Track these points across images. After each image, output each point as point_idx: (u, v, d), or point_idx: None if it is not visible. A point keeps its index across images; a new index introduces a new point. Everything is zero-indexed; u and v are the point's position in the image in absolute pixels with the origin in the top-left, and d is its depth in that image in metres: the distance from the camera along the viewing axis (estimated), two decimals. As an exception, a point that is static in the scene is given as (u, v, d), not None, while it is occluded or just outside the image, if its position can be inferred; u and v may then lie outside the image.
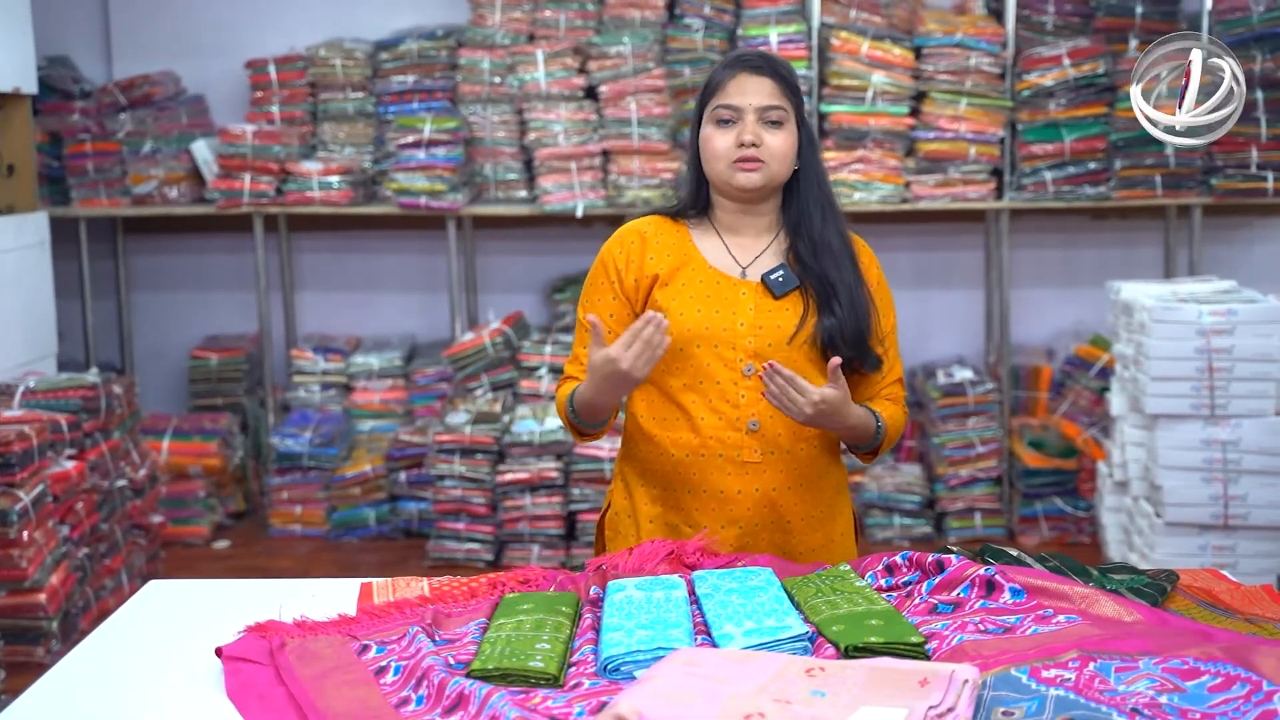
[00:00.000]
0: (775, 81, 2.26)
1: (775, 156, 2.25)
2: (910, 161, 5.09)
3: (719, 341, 2.25)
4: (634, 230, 2.37)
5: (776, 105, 2.25)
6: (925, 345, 5.65)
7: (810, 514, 2.33)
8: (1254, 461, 3.97)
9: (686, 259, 2.31)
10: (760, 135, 2.24)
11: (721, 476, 2.27)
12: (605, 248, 2.37)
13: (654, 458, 2.33)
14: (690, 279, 2.29)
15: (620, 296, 2.33)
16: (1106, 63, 4.97)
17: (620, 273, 2.33)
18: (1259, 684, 1.48)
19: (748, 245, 2.34)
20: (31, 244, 4.69)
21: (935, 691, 1.47)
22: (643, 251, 2.33)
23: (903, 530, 5.10)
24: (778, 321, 2.26)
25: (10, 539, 3.60)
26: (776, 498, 2.28)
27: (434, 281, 5.72)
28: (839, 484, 2.41)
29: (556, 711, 1.56)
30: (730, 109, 2.25)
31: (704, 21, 5.19)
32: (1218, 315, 3.97)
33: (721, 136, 2.26)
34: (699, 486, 2.28)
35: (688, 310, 2.27)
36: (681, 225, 2.37)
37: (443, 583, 2.06)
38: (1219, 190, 4.95)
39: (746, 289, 2.29)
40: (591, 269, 2.39)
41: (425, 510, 5.14)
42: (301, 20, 5.65)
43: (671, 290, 2.29)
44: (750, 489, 2.27)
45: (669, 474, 2.31)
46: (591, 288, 2.37)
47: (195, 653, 1.82)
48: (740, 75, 2.26)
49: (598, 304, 2.34)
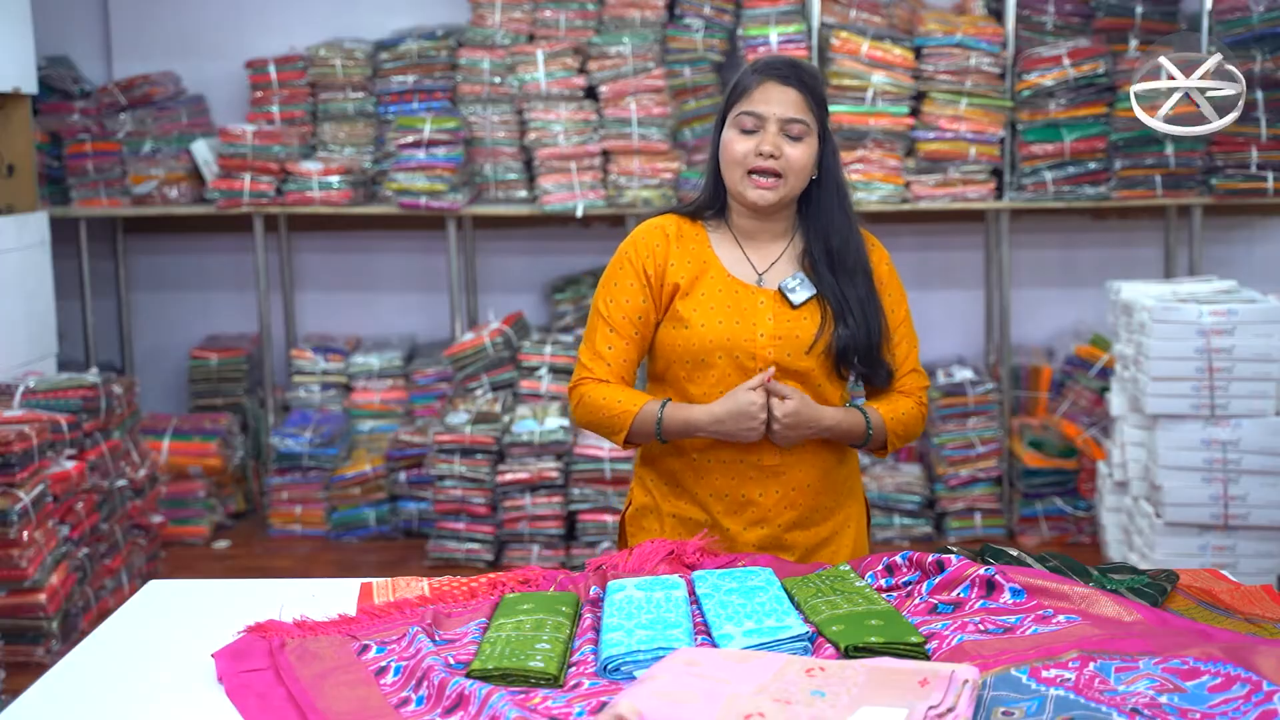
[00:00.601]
0: (801, 93, 2.26)
1: (793, 169, 2.26)
2: (910, 161, 5.09)
3: (739, 351, 2.27)
4: (659, 229, 2.35)
5: (799, 119, 2.26)
6: (925, 345, 5.57)
7: (827, 504, 2.36)
8: (1254, 461, 3.97)
9: (705, 267, 2.32)
10: (780, 147, 2.25)
11: (744, 481, 2.30)
12: (630, 243, 2.35)
13: (677, 464, 2.35)
14: (710, 288, 2.30)
15: (648, 294, 2.31)
16: (1106, 63, 4.97)
17: (647, 270, 2.32)
18: (1259, 684, 1.48)
19: (764, 250, 2.35)
20: (31, 244, 4.69)
21: (935, 691, 1.47)
22: (667, 254, 2.32)
23: (903, 530, 5.10)
24: (796, 331, 2.28)
25: (10, 539, 3.60)
26: (797, 497, 2.32)
27: (434, 281, 5.72)
28: (854, 481, 2.44)
29: (556, 711, 1.56)
30: (753, 116, 2.26)
31: (704, 21, 5.19)
32: (1218, 315, 3.96)
33: (741, 142, 2.26)
34: (721, 491, 2.31)
35: (709, 321, 2.28)
36: (699, 227, 2.36)
37: (443, 583, 2.06)
38: (1219, 190, 4.95)
39: (765, 298, 2.30)
40: (613, 263, 2.36)
41: (425, 510, 5.14)
42: (301, 20, 5.65)
43: (692, 300, 2.30)
44: (771, 491, 2.30)
45: (692, 479, 2.33)
46: (616, 285, 2.33)
47: (195, 653, 1.81)
48: (767, 84, 2.26)
49: (625, 303, 2.31)
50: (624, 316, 2.31)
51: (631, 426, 2.27)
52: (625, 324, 2.31)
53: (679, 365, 2.31)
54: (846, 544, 2.39)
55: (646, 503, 2.40)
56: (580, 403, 2.32)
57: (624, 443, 2.31)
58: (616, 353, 2.32)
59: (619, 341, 2.32)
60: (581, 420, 2.34)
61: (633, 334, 2.32)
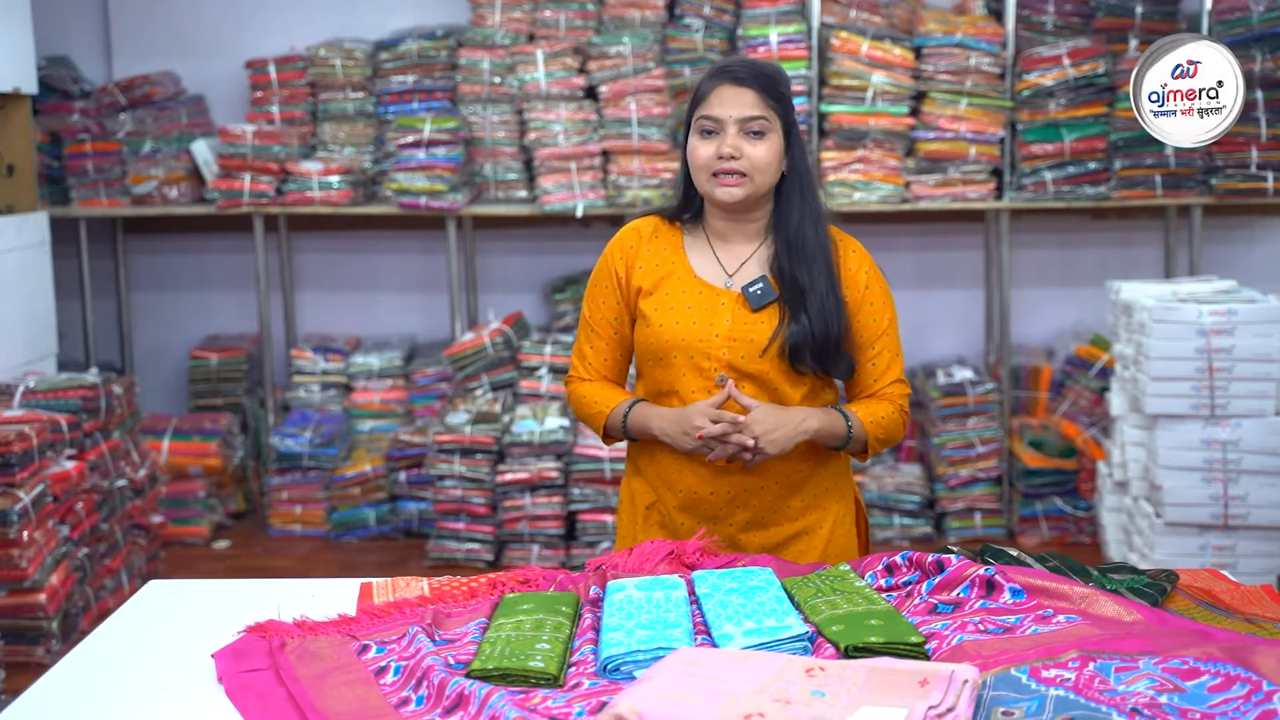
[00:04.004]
0: (757, 92, 2.26)
1: (756, 168, 2.27)
2: (910, 161, 5.09)
3: (695, 351, 2.30)
4: (635, 231, 2.42)
5: (758, 115, 2.26)
6: (925, 345, 5.65)
7: (794, 513, 2.36)
8: (1254, 461, 3.97)
9: (673, 268, 2.36)
10: (740, 147, 2.26)
11: (697, 479, 2.34)
12: (608, 248, 2.43)
13: (644, 458, 2.42)
14: (674, 288, 2.34)
15: (619, 296, 2.39)
16: (1106, 63, 4.97)
17: (619, 272, 2.39)
18: (1259, 684, 1.48)
19: (736, 252, 2.36)
20: (31, 244, 4.69)
21: (935, 691, 1.47)
22: (637, 255, 2.38)
23: (903, 530, 5.10)
24: (752, 334, 2.29)
25: (10, 539, 3.60)
26: (750, 498, 2.33)
27: (434, 281, 5.72)
28: (835, 474, 2.41)
29: (556, 711, 1.56)
30: (711, 120, 2.28)
31: (704, 21, 5.19)
32: (1218, 315, 3.96)
33: (704, 147, 2.28)
34: (676, 486, 2.36)
35: (667, 321, 2.32)
36: (677, 228, 2.41)
37: (443, 583, 2.06)
38: (1219, 190, 4.95)
39: (727, 299, 2.32)
40: (595, 268, 2.44)
41: (425, 510, 5.14)
42: (301, 20, 5.65)
43: (655, 300, 2.34)
44: (722, 490, 2.33)
45: (655, 473, 2.39)
46: (596, 288, 2.43)
47: (195, 653, 1.82)
48: (722, 86, 2.27)
49: (602, 305, 2.40)
50: (601, 319, 2.41)
51: (605, 425, 2.40)
52: (603, 325, 2.41)
53: (645, 361, 2.38)
54: (817, 545, 2.37)
55: (626, 496, 2.47)
56: (569, 400, 2.48)
57: (605, 438, 2.43)
58: (597, 353, 2.42)
59: (599, 343, 2.42)
60: (576, 416, 2.50)
61: (611, 335, 2.41)
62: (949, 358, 5.55)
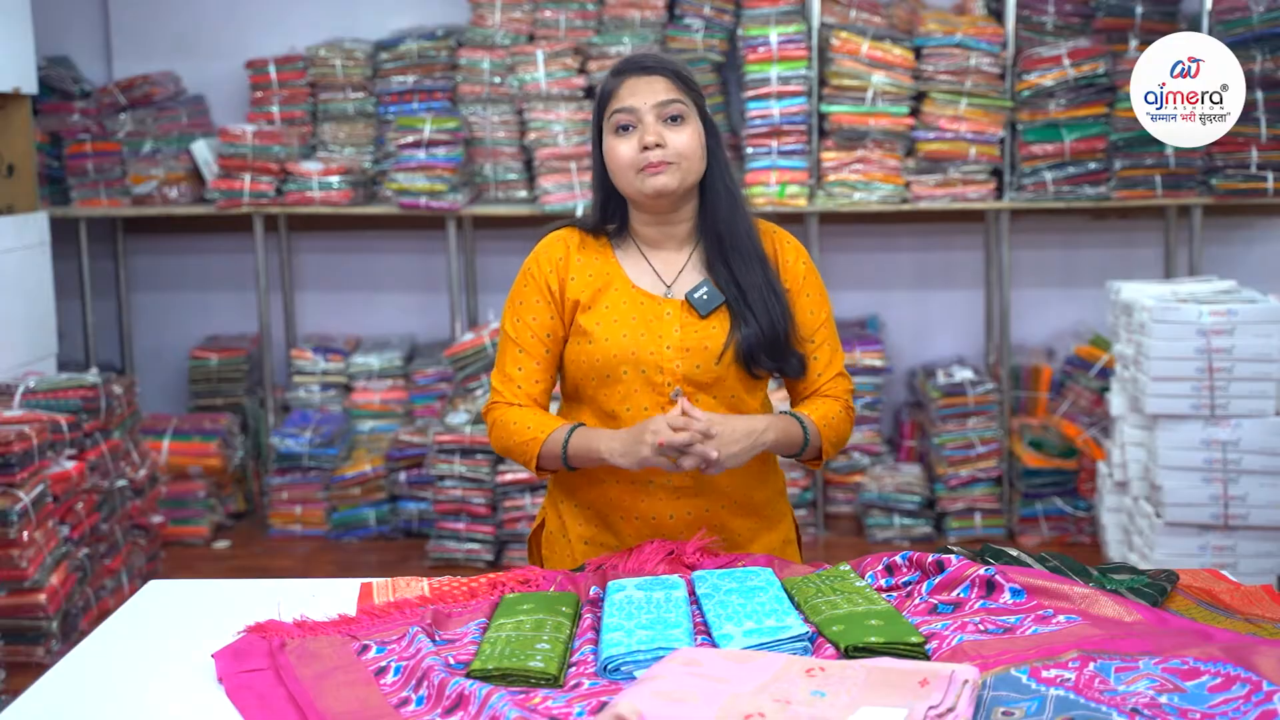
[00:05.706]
0: (668, 78, 2.17)
1: (683, 154, 2.15)
2: (910, 161, 5.09)
3: (646, 365, 2.17)
4: (560, 241, 2.28)
5: (675, 99, 2.16)
6: (925, 345, 5.65)
7: (748, 527, 2.27)
8: (1254, 461, 3.98)
9: (609, 279, 2.23)
10: (663, 135, 2.14)
11: (653, 502, 2.20)
12: (533, 258, 2.29)
13: (584, 483, 2.25)
14: (614, 300, 2.21)
15: (554, 309, 2.25)
16: (1106, 63, 4.97)
17: (550, 285, 2.25)
18: (1259, 684, 1.48)
19: (670, 260, 2.25)
20: (31, 244, 4.68)
21: (935, 691, 1.47)
22: (568, 267, 2.25)
23: (903, 530, 5.10)
24: (705, 342, 2.18)
25: (10, 539, 3.60)
26: (710, 518, 2.22)
27: (434, 281, 5.72)
28: (777, 492, 2.34)
29: (556, 711, 1.56)
30: (627, 112, 2.16)
31: (704, 21, 5.19)
32: (1218, 315, 3.96)
33: (624, 144, 2.16)
34: (631, 513, 2.22)
35: (613, 334, 2.18)
36: (604, 240, 2.28)
37: (443, 583, 2.06)
38: (1219, 190, 4.95)
39: (671, 309, 2.20)
40: (517, 281, 2.29)
41: (425, 510, 5.14)
42: (301, 20, 5.65)
43: (595, 314, 2.21)
44: (683, 513, 2.21)
45: (600, 499, 2.24)
46: (522, 305, 2.27)
47: (195, 653, 1.82)
48: (631, 78, 2.18)
49: (532, 322, 2.25)
50: (532, 335, 2.24)
51: (540, 454, 2.17)
52: (534, 343, 2.24)
53: (586, 382, 2.21)
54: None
55: (555, 528, 2.31)
56: (493, 429, 2.24)
57: (536, 470, 2.20)
58: (527, 374, 2.24)
59: (529, 362, 2.24)
60: (497, 447, 2.24)
61: (543, 353, 2.24)
62: (949, 358, 5.55)
